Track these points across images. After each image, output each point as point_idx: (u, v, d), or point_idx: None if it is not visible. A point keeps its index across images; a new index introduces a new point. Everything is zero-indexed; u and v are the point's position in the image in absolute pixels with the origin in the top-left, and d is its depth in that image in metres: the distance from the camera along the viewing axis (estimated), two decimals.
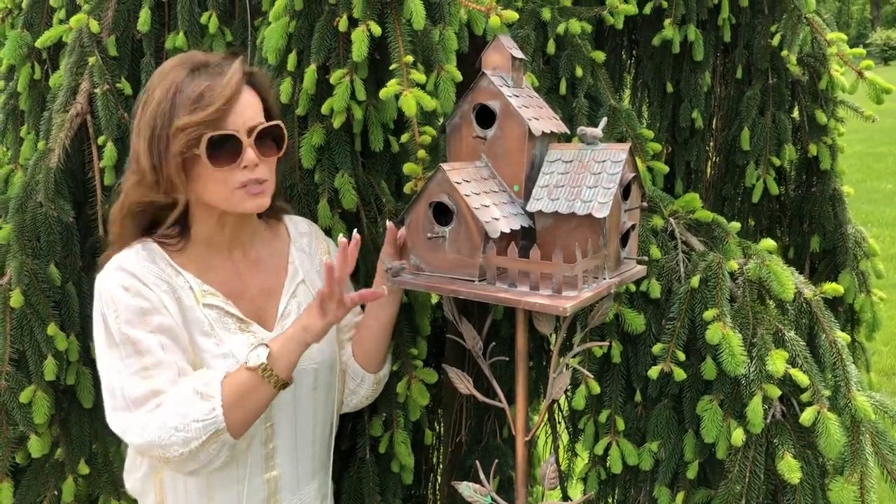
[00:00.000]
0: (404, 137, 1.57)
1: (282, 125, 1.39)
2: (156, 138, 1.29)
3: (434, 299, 1.95)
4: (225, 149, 1.30)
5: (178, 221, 1.39)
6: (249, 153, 1.32)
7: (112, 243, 1.40)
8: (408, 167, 1.55)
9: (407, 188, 1.56)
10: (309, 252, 1.55)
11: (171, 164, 1.29)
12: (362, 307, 1.61)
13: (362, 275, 1.72)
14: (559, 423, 2.17)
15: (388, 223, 1.47)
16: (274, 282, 1.47)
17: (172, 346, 1.30)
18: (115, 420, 1.29)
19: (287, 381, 1.30)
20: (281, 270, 1.49)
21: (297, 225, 1.57)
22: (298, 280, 1.50)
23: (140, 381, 1.27)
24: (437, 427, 2.33)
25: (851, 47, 2.07)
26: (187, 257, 1.39)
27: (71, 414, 1.75)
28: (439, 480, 2.35)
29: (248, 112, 1.33)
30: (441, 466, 2.31)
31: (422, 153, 1.53)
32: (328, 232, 1.65)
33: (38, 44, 1.88)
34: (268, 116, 1.38)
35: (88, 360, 1.74)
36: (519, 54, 1.44)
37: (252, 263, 1.46)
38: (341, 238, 1.32)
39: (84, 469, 1.75)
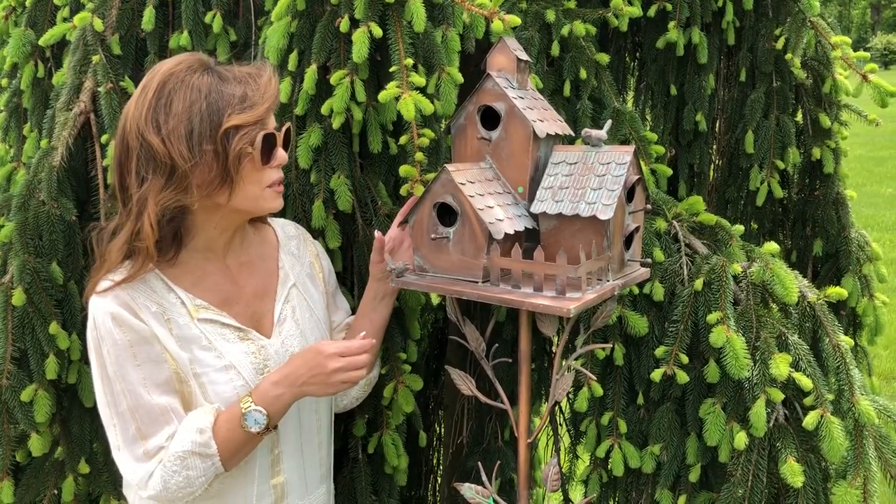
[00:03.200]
0: (403, 139, 1.56)
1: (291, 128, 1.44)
2: (196, 138, 1.25)
3: (435, 300, 1.95)
4: (266, 148, 1.33)
5: (172, 231, 1.34)
6: (281, 152, 1.37)
7: (141, 259, 1.31)
8: (404, 169, 1.54)
9: (403, 190, 1.56)
10: (298, 255, 1.54)
11: (231, 163, 1.27)
12: (353, 310, 1.61)
13: (357, 277, 1.71)
14: (561, 425, 2.17)
15: (376, 232, 1.48)
16: (266, 284, 1.47)
17: (155, 382, 1.30)
18: (120, 462, 1.33)
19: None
20: (272, 274, 1.48)
21: (284, 228, 1.56)
22: (290, 284, 1.49)
23: (130, 423, 1.30)
24: (438, 428, 2.33)
25: (853, 51, 2.07)
26: (180, 268, 1.37)
27: (72, 413, 1.75)
28: (439, 482, 2.35)
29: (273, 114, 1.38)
30: (442, 468, 2.31)
31: (420, 156, 1.53)
32: (322, 233, 1.64)
33: (41, 42, 1.87)
34: None
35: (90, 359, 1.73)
36: (524, 56, 1.44)
37: (244, 267, 1.45)
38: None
39: (84, 468, 1.75)
